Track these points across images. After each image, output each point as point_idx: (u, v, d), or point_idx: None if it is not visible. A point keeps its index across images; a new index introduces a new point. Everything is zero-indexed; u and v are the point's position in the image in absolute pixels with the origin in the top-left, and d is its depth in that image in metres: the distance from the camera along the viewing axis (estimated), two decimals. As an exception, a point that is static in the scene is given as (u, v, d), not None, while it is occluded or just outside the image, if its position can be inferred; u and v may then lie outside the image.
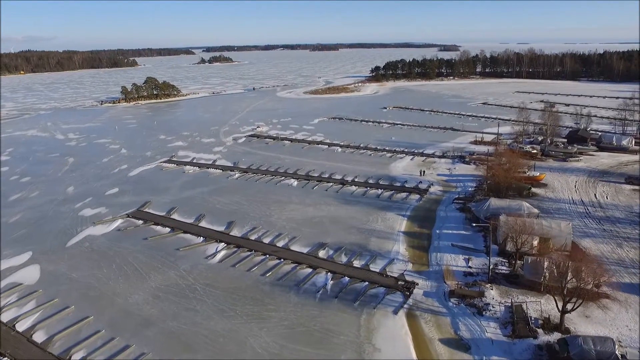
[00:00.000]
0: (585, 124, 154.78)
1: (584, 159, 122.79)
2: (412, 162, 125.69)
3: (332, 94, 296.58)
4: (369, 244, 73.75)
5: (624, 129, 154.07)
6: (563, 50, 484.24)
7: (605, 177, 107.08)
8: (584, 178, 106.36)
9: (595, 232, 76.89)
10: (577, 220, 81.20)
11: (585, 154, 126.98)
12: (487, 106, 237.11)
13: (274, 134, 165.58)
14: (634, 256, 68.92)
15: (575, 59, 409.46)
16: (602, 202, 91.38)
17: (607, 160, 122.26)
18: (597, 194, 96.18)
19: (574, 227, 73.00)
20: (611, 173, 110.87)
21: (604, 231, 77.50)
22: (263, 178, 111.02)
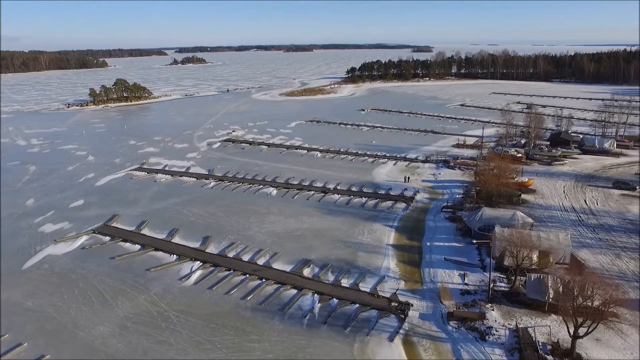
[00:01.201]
0: (566, 126, 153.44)
1: (568, 163, 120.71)
2: (395, 167, 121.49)
3: (309, 96, 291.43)
4: (357, 260, 68.72)
5: (604, 131, 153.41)
6: (532, 51, 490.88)
7: (593, 182, 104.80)
8: (571, 183, 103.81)
9: (592, 242, 73.70)
10: (571, 229, 77.92)
11: (569, 157, 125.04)
12: (465, 108, 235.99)
13: (250, 138, 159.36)
14: (634, 268, 65.83)
15: (548, 61, 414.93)
16: (593, 208, 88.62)
17: (591, 164, 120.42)
18: (587, 199, 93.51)
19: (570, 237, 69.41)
20: (598, 177, 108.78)
21: (600, 241, 74.39)
22: (240, 186, 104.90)
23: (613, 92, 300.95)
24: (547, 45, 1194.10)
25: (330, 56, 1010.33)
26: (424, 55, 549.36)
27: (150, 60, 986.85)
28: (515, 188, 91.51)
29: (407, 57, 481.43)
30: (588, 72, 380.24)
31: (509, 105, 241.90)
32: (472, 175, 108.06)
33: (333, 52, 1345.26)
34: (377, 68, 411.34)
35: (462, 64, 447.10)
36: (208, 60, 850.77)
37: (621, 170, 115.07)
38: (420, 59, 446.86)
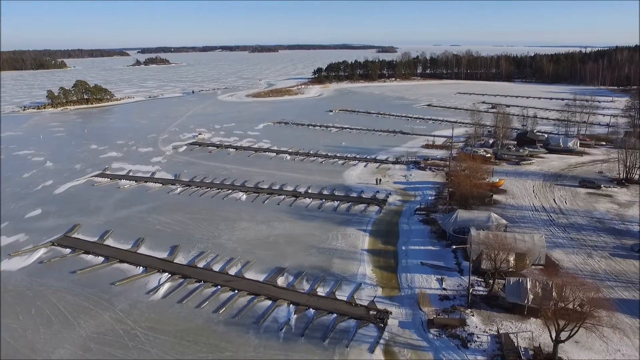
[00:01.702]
0: (531, 125, 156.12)
1: (535, 162, 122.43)
2: (366, 169, 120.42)
3: (276, 97, 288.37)
4: (332, 267, 66.91)
5: (567, 130, 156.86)
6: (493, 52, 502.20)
7: (560, 181, 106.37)
8: (540, 182, 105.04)
9: (564, 241, 74.19)
10: (543, 229, 78.39)
11: (536, 157, 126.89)
12: (432, 108, 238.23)
13: (217, 141, 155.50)
14: (606, 267, 66.48)
15: (510, 61, 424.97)
16: (562, 207, 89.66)
17: (557, 163, 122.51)
18: (556, 198, 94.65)
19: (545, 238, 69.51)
20: (564, 176, 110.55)
21: (571, 240, 75.01)
22: (208, 192, 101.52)
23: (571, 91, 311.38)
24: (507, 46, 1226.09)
25: (296, 56, 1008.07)
26: (389, 56, 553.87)
27: (111, 61, 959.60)
28: (488, 189, 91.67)
29: (373, 57, 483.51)
30: (547, 72, 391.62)
31: (474, 105, 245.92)
32: (443, 176, 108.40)
33: (298, 52, 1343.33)
34: (344, 68, 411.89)
35: (427, 64, 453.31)
36: (172, 61, 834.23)
37: (586, 169, 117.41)
38: (386, 60, 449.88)
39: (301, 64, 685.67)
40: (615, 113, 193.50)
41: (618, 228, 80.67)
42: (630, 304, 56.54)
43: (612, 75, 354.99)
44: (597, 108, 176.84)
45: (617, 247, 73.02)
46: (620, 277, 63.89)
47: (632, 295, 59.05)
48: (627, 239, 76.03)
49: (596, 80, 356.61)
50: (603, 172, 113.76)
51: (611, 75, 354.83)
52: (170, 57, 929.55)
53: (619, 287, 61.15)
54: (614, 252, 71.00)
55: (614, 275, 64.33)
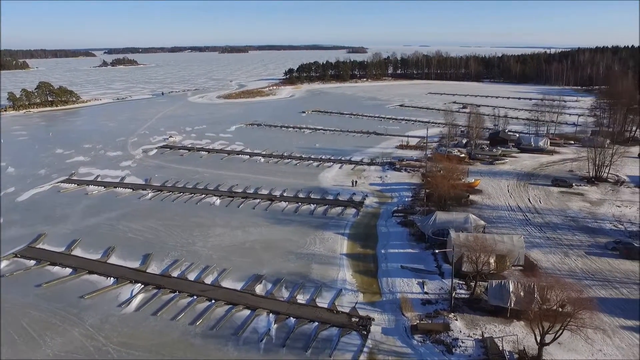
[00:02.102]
0: (503, 125, 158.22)
1: (508, 161, 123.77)
2: (341, 171, 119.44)
3: (247, 98, 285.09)
4: (311, 273, 65.44)
5: (537, 130, 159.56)
6: (461, 52, 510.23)
7: (533, 180, 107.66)
8: (514, 182, 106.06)
9: (540, 241, 74.70)
10: (520, 229, 78.86)
11: (508, 156, 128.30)
12: (405, 108, 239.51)
13: (189, 144, 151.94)
14: (582, 266, 67.10)
15: (478, 62, 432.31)
16: (537, 207, 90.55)
17: (529, 162, 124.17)
18: (530, 198, 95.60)
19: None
20: (537, 175, 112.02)
21: (548, 239, 75.60)
22: (181, 197, 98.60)
23: (537, 91, 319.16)
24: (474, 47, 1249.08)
25: (267, 57, 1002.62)
26: (359, 56, 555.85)
27: (77, 61, 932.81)
28: (465, 189, 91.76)
29: (344, 58, 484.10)
30: (515, 72, 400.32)
31: (445, 104, 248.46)
32: (419, 177, 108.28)
33: (269, 53, 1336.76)
34: (315, 69, 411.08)
35: (398, 64, 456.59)
36: (140, 61, 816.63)
37: (557, 168, 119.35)
38: (357, 60, 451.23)
39: (272, 65, 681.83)
40: (580, 112, 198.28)
41: (591, 226, 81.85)
42: (608, 303, 56.95)
43: (576, 75, 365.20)
44: (565, 108, 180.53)
45: (591, 245, 73.92)
46: (597, 275, 64.54)
47: (610, 294, 59.62)
48: (600, 237, 77.12)
49: (561, 81, 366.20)
50: (573, 171, 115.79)
51: (575, 76, 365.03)
52: (138, 57, 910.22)
53: (596, 285, 61.69)
54: (589, 251, 71.81)
55: (590, 274, 64.93)
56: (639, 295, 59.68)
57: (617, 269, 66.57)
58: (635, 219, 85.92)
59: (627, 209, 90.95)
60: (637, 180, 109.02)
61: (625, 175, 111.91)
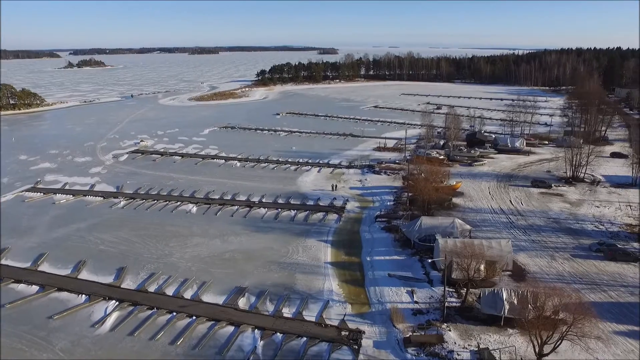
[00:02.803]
0: (479, 126, 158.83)
1: (487, 163, 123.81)
2: (319, 174, 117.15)
3: (220, 100, 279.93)
4: (296, 283, 62.85)
5: (512, 130, 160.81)
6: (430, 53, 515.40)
7: (513, 181, 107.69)
8: (494, 183, 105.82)
9: (526, 244, 74.02)
10: (505, 232, 78.25)
11: (486, 157, 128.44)
12: (379, 109, 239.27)
13: (161, 148, 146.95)
14: (570, 269, 66.60)
15: (450, 63, 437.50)
16: (519, 208, 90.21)
17: (507, 163, 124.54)
18: (511, 199, 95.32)
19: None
20: (516, 176, 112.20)
21: (533, 242, 75.04)
22: (155, 205, 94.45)
23: (507, 91, 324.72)
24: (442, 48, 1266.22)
25: (237, 58, 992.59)
26: (330, 57, 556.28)
27: (40, 63, 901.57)
28: (447, 192, 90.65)
29: (315, 59, 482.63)
30: (485, 73, 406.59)
31: (420, 105, 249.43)
32: (399, 180, 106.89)
33: (239, 54, 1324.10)
34: (288, 70, 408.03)
35: (370, 65, 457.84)
36: (107, 63, 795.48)
37: (534, 168, 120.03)
38: (330, 61, 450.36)
39: (243, 66, 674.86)
40: (551, 113, 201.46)
41: (574, 228, 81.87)
42: (599, 307, 56.01)
43: (544, 76, 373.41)
44: (537, 108, 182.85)
45: (576, 247, 73.71)
46: (584, 279, 64.06)
47: (599, 298, 59.05)
48: (583, 238, 77.10)
49: (529, 81, 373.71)
50: (551, 171, 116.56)
51: (542, 77, 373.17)
52: (105, 59, 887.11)
53: (585, 289, 61.04)
54: (574, 253, 71.53)
55: (578, 277, 64.43)
56: (628, 298, 59.51)
57: (603, 271, 66.32)
58: (614, 219, 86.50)
59: (606, 209, 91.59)
60: (612, 180, 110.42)
61: (601, 175, 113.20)
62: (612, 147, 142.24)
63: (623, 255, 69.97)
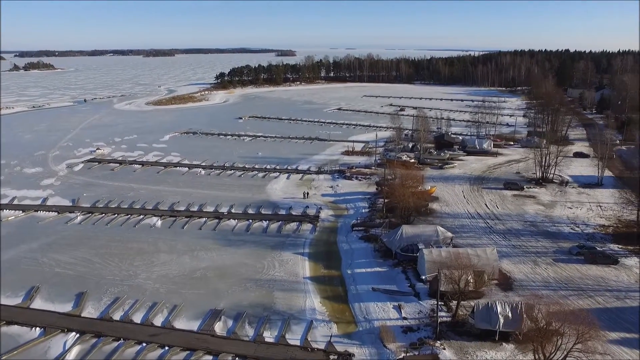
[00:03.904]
0: (446, 128, 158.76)
1: (457, 165, 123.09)
2: (289, 181, 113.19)
3: (179, 104, 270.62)
4: (275, 303, 58.70)
5: (478, 132, 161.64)
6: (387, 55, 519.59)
7: (485, 184, 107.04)
8: (467, 186, 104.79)
9: (507, 250, 72.56)
10: (485, 238, 76.70)
11: (456, 160, 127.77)
12: (343, 112, 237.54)
13: (120, 156, 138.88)
14: (554, 275, 65.44)
15: (409, 64, 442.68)
16: (495, 212, 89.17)
17: (477, 165, 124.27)
18: (487, 203, 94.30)
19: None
20: (487, 178, 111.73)
21: (514, 248, 73.74)
22: (116, 219, 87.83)
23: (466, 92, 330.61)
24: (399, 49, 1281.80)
25: (194, 61, 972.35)
26: (290, 59, 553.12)
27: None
28: (425, 198, 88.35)
29: (275, 61, 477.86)
30: (444, 74, 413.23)
31: (383, 107, 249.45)
32: (373, 186, 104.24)
33: (196, 56, 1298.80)
34: (247, 73, 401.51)
35: (331, 67, 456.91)
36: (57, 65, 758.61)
37: (504, 170, 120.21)
38: (290, 63, 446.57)
39: (201, 69, 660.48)
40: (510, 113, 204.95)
41: (551, 231, 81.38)
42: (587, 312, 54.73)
43: (500, 77, 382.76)
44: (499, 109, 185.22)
45: (557, 251, 72.88)
46: (570, 284, 62.97)
47: (587, 304, 57.80)
48: (562, 241, 76.55)
49: (486, 82, 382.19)
50: (520, 173, 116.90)
51: (499, 77, 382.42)
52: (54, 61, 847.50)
53: (572, 296, 59.85)
54: (556, 258, 70.62)
55: (564, 283, 63.30)
56: (615, 303, 58.63)
57: (586, 275, 65.50)
58: (588, 220, 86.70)
59: (578, 210, 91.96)
60: (579, 180, 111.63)
61: (568, 176, 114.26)
62: (574, 147, 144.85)
63: (603, 257, 69.57)
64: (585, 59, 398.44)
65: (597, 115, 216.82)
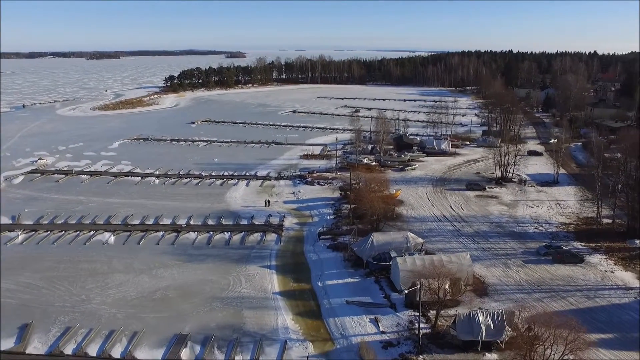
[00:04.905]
0: (404, 129, 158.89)
1: (418, 166, 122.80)
2: (248, 188, 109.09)
3: (127, 109, 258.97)
4: (245, 323, 54.93)
5: (435, 132, 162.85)
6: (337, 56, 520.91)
7: (448, 185, 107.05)
8: (430, 188, 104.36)
9: (477, 253, 71.83)
10: (454, 242, 75.87)
11: (416, 161, 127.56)
12: (298, 114, 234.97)
13: (65, 166, 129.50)
14: (526, 277, 65.21)
15: (361, 65, 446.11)
16: (461, 214, 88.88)
17: (437, 166, 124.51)
18: (452, 205, 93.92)
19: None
20: (449, 179, 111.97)
21: (484, 250, 73.31)
22: (63, 237, 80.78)
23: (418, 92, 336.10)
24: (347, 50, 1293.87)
25: (141, 64, 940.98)
26: (240, 61, 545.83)
27: None
28: (391, 202, 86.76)
29: (225, 63, 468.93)
30: (395, 75, 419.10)
31: (338, 109, 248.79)
32: (336, 191, 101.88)
33: (143, 59, 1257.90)
34: (198, 75, 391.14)
35: (283, 69, 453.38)
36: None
37: (464, 170, 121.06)
38: (242, 65, 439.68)
39: (148, 72, 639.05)
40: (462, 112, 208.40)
41: (517, 231, 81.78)
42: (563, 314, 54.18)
43: (449, 77, 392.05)
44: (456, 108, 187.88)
45: (525, 252, 73.00)
46: (542, 286, 62.84)
47: (561, 306, 57.59)
48: (529, 241, 77.02)
49: (437, 82, 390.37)
50: (480, 173, 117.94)
51: (449, 77, 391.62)
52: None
53: (546, 298, 59.59)
54: (525, 259, 70.66)
55: (536, 285, 63.12)
56: (586, 303, 58.73)
57: (556, 275, 65.69)
58: (550, 219, 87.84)
59: (540, 209, 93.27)
60: (536, 179, 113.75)
61: (525, 174, 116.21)
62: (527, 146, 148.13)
63: (570, 257, 70.19)
64: (529, 59, 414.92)
65: (544, 114, 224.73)
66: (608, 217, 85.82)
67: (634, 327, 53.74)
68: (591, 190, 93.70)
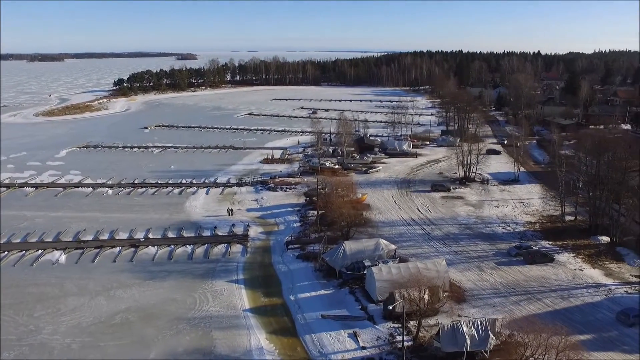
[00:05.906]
0: (364, 130, 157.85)
1: (381, 168, 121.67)
2: (209, 196, 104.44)
3: (74, 114, 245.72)
4: (216, 346, 51.11)
5: (395, 133, 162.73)
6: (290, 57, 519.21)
7: (412, 187, 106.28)
8: (395, 191, 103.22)
9: (450, 257, 70.57)
10: (426, 247, 74.57)
11: (379, 163, 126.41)
12: (255, 117, 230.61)
13: (6, 179, 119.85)
14: (500, 280, 64.58)
15: (315, 66, 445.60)
16: (429, 217, 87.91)
17: (400, 167, 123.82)
18: (419, 207, 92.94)
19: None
20: (413, 181, 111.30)
21: (456, 254, 72.26)
22: (6, 258, 73.69)
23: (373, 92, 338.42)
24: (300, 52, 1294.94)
25: (88, 66, 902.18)
26: (191, 63, 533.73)
27: None
28: (359, 207, 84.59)
29: (177, 65, 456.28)
30: (349, 76, 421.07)
31: (295, 110, 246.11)
32: (301, 196, 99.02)
33: (89, 61, 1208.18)
34: (149, 78, 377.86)
35: (237, 71, 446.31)
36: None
37: (427, 171, 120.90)
38: (194, 68, 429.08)
39: (96, 75, 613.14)
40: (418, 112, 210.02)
41: (486, 232, 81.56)
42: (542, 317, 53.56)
43: (403, 77, 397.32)
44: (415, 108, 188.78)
45: (496, 254, 72.60)
46: (517, 289, 62.25)
47: (538, 308, 57.14)
48: (498, 242, 76.80)
49: (391, 82, 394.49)
50: (443, 173, 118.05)
51: (402, 77, 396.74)
52: None
53: (523, 301, 59.00)
54: (497, 261, 70.21)
55: (512, 288, 62.44)
56: (562, 304, 58.50)
57: (530, 277, 65.41)
58: (516, 218, 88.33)
59: (505, 209, 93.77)
60: (498, 177, 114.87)
61: (487, 173, 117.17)
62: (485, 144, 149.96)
63: (541, 257, 70.27)
64: (478, 59, 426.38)
65: (497, 112, 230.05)
66: (570, 215, 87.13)
67: (609, 326, 53.81)
68: (553, 189, 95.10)
